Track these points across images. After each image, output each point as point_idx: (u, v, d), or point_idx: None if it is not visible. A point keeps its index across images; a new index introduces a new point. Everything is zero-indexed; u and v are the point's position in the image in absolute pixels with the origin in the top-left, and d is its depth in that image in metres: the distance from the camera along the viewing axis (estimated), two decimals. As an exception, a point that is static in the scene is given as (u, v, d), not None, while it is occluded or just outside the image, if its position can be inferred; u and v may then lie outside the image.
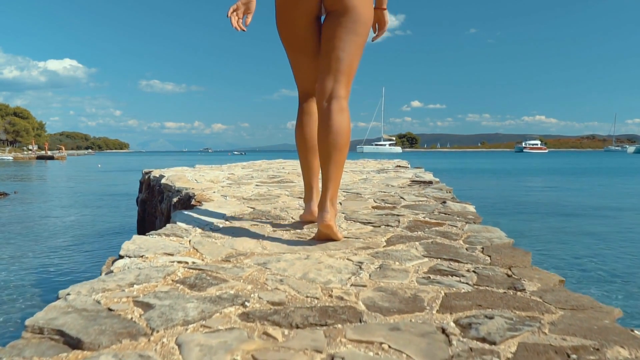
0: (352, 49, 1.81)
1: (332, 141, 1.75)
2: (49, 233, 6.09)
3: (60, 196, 11.35)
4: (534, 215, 7.97)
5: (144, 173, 4.29)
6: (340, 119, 1.77)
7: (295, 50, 1.93)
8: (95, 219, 7.34)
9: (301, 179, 3.40)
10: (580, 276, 4.23)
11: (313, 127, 1.97)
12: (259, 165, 6.02)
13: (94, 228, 6.56)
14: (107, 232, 6.20)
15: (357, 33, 1.80)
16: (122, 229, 6.21)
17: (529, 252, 1.78)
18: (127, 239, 1.70)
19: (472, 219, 2.28)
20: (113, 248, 4.74)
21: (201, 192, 2.85)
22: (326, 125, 1.76)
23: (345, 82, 1.83)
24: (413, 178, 3.94)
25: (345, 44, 1.80)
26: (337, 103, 1.78)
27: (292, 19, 1.85)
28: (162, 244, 1.66)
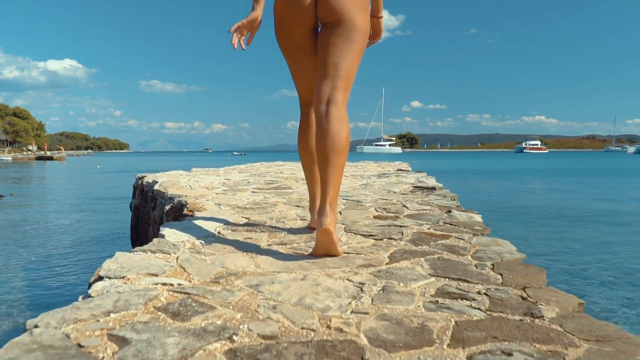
0: (348, 55, 1.81)
1: (329, 144, 1.73)
2: (41, 239, 5.94)
3: (56, 199, 11.21)
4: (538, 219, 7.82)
5: (138, 178, 4.17)
6: (338, 123, 1.75)
7: (294, 60, 1.94)
8: (90, 224, 7.18)
9: (299, 185, 3.29)
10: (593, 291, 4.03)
11: (313, 133, 1.96)
12: (256, 168, 5.91)
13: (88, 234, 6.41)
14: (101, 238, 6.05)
15: (353, 40, 1.81)
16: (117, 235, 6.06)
17: (542, 269, 1.66)
18: (121, 246, 1.58)
19: (480, 230, 2.16)
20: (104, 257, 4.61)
21: (194, 201, 2.72)
22: (324, 129, 1.74)
23: (343, 87, 1.81)
24: (415, 183, 3.82)
25: (342, 51, 1.80)
26: (335, 107, 1.77)
27: (289, 30, 1.87)
28: (146, 262, 1.53)
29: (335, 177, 1.73)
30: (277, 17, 1.88)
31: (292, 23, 1.85)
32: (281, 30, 1.89)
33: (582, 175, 21.97)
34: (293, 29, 1.86)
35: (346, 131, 1.76)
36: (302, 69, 1.95)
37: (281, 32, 1.90)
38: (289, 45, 1.91)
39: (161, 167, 36.92)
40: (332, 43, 1.80)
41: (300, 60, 1.93)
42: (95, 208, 9.22)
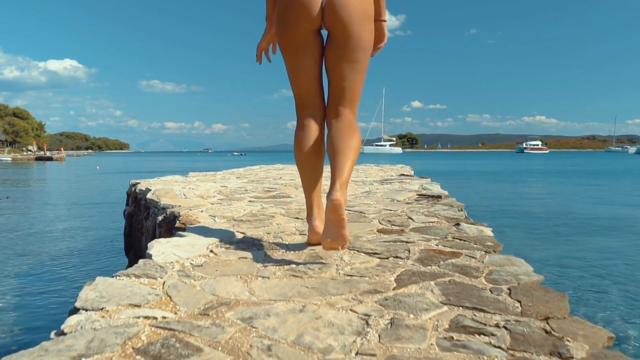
0: (355, 77, 1.90)
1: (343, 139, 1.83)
2: (33, 247, 5.77)
3: (52, 202, 11.03)
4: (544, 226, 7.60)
5: (131, 184, 4.02)
6: (349, 130, 1.87)
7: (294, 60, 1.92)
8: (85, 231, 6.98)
9: (299, 193, 3.14)
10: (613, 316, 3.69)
11: (311, 141, 1.94)
12: (255, 173, 5.75)
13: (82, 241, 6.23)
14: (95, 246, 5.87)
15: (359, 61, 1.88)
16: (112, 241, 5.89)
17: (564, 295, 1.51)
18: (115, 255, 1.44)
19: (492, 247, 2.02)
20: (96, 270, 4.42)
21: (187, 212, 2.58)
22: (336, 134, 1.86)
23: (352, 106, 1.94)
24: (420, 191, 3.67)
25: (348, 73, 1.89)
26: (345, 119, 1.91)
27: (292, 30, 1.85)
28: (129, 289, 1.39)
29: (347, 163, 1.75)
30: (280, 17, 1.86)
31: (296, 24, 1.83)
32: (284, 29, 1.87)
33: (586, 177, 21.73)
34: (296, 29, 1.84)
35: (358, 137, 1.88)
36: (301, 70, 1.93)
37: (283, 31, 1.87)
38: (290, 45, 1.88)
39: (160, 167, 36.94)
40: (340, 67, 1.88)
41: (300, 61, 1.91)
42: (92, 213, 9.04)
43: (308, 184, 1.97)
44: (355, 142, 1.85)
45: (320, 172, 2.00)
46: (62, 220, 7.94)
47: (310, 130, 1.94)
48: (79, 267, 4.64)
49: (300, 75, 1.94)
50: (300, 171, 1.99)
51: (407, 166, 7.60)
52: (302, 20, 1.81)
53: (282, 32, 1.88)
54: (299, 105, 2.00)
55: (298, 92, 1.98)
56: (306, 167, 1.95)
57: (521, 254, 1.91)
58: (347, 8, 1.78)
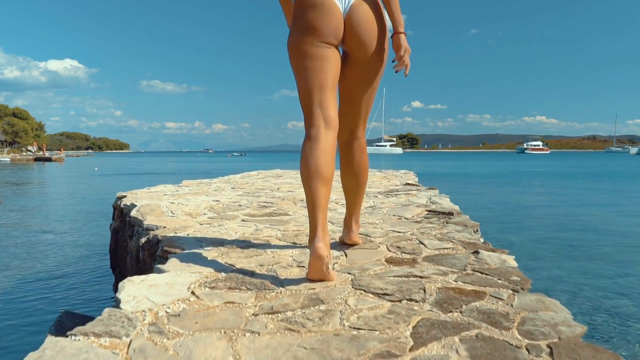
0: (370, 96, 2.01)
1: (355, 176, 2.10)
2: (17, 260, 5.40)
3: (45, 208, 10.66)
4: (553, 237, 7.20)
5: (117, 197, 3.74)
6: (362, 158, 2.09)
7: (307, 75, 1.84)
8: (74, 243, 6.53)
9: (297, 209, 2.91)
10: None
11: (319, 154, 1.77)
12: (252, 182, 5.46)
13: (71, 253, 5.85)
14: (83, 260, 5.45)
15: (376, 78, 1.96)
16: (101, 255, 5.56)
17: (618, 356, 1.24)
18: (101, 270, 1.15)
19: (519, 283, 1.74)
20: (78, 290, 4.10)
21: (172, 237, 2.31)
22: (351, 165, 2.09)
23: (364, 124, 2.09)
24: (429, 205, 3.40)
25: (364, 95, 1.98)
26: (358, 143, 2.08)
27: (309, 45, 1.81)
28: (84, 357, 1.11)
29: (359, 200, 2.18)
30: (298, 31, 1.83)
31: (314, 39, 1.80)
32: (300, 43, 1.82)
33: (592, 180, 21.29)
34: (314, 44, 1.81)
35: (367, 160, 2.09)
36: (315, 77, 1.85)
37: (299, 45, 1.83)
38: (305, 60, 1.83)
39: (159, 169, 36.56)
40: (358, 89, 1.95)
41: (315, 69, 1.85)
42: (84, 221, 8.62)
43: (314, 203, 1.72)
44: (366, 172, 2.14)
45: (329, 189, 1.79)
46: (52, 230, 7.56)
47: (319, 144, 1.77)
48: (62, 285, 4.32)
49: (313, 85, 1.84)
50: (306, 189, 1.76)
51: (411, 172, 7.33)
52: (324, 37, 1.80)
53: (298, 46, 1.83)
54: (307, 115, 1.85)
55: (308, 102, 1.84)
56: (313, 184, 1.73)
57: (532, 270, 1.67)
58: (368, 26, 1.82)
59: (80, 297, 3.98)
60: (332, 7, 1.79)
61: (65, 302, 3.87)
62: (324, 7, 1.79)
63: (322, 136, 1.78)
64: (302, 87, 1.85)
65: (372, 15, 1.83)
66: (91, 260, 5.36)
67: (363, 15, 1.81)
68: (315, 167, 1.73)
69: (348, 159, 2.08)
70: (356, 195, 2.14)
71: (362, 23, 1.81)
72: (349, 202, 2.17)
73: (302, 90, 1.85)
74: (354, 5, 1.81)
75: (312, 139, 1.78)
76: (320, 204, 1.72)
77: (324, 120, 1.81)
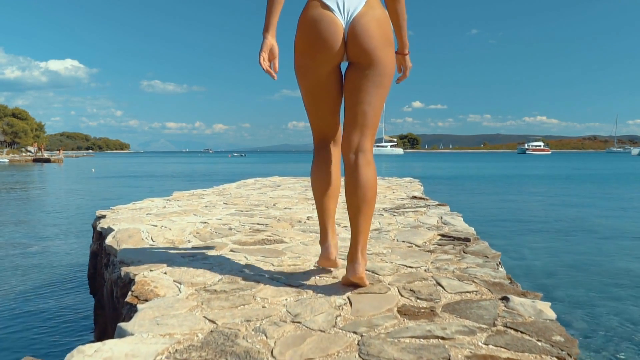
0: (377, 102, 1.86)
1: (361, 195, 1.83)
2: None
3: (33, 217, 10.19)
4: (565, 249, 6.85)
5: (97, 217, 3.41)
6: (368, 173, 1.85)
7: (314, 96, 1.93)
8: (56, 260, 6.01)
9: (295, 235, 2.67)
10: None
11: (329, 174, 1.99)
12: (247, 194, 5.10)
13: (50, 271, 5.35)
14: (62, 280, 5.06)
15: (383, 86, 1.85)
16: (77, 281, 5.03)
17: None
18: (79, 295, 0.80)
19: (563, 345, 1.41)
20: (51, 321, 3.70)
21: (146, 276, 1.97)
22: (355, 179, 1.84)
23: (371, 135, 1.90)
24: (441, 227, 3.06)
25: (372, 98, 1.84)
26: (364, 157, 1.85)
27: (313, 66, 1.84)
28: None
29: (365, 226, 1.86)
30: (300, 52, 1.85)
31: (318, 59, 1.82)
32: (303, 65, 1.86)
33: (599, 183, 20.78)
34: (317, 65, 1.83)
35: (375, 179, 1.87)
36: (321, 106, 1.94)
37: (303, 67, 1.87)
38: (310, 81, 1.88)
39: (157, 171, 36.07)
40: (364, 89, 1.83)
41: (320, 98, 1.92)
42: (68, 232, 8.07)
43: (324, 211, 2.01)
44: (373, 192, 1.86)
45: (336, 199, 2.04)
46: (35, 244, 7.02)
47: (329, 165, 1.99)
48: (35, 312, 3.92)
49: (321, 112, 1.95)
50: (317, 200, 2.02)
51: (416, 181, 6.99)
52: (326, 56, 1.80)
53: (305, 71, 1.86)
54: (317, 138, 2.02)
55: (317, 127, 1.99)
56: (323, 200, 2.00)
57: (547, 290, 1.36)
58: (369, 36, 1.78)
59: (54, 327, 3.63)
60: (332, 24, 1.78)
61: (37, 333, 3.53)
62: (324, 23, 1.78)
63: (328, 156, 2.00)
64: (309, 109, 1.97)
65: (375, 25, 1.80)
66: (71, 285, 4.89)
67: (365, 26, 1.79)
68: (326, 189, 1.98)
69: (353, 175, 1.85)
70: (363, 218, 1.85)
71: (364, 33, 1.78)
72: (355, 228, 1.86)
73: (309, 112, 1.98)
74: (357, 17, 1.79)
75: (322, 162, 1.99)
76: (329, 214, 2.02)
77: (330, 140, 2.00)
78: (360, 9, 1.78)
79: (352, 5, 1.78)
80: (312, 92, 1.89)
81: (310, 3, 1.83)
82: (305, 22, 1.82)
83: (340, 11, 1.78)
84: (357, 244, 1.84)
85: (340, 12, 1.78)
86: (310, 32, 1.80)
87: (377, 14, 1.80)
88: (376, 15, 1.80)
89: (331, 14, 1.78)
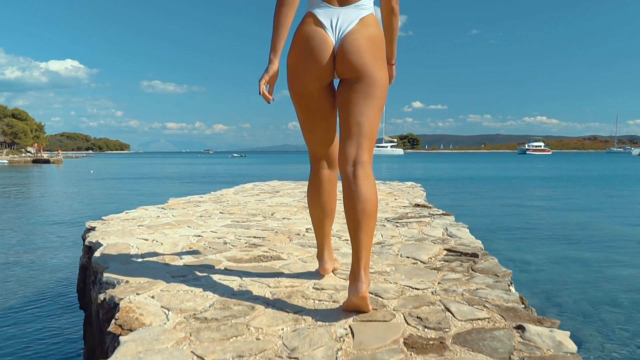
0: (370, 112, 1.81)
1: (361, 209, 1.73)
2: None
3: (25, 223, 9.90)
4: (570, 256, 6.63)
5: (87, 228, 3.26)
6: (367, 185, 1.76)
7: (307, 113, 1.93)
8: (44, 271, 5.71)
9: (292, 250, 2.57)
10: None
11: (326, 193, 2.00)
12: (245, 200, 4.94)
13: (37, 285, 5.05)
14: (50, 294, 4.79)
15: (374, 96, 1.80)
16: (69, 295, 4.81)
17: None
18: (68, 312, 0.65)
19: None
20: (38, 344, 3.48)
21: (131, 302, 1.82)
22: (354, 193, 1.75)
23: (368, 146, 1.82)
24: (446, 240, 2.92)
25: (363, 108, 1.80)
26: (362, 169, 1.77)
27: (305, 83, 1.84)
28: None
29: (367, 242, 1.74)
30: (292, 70, 1.86)
31: (308, 76, 1.82)
32: (295, 83, 1.86)
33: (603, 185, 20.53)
34: (309, 82, 1.83)
35: (375, 192, 1.78)
36: (315, 123, 1.94)
37: (295, 84, 1.87)
38: (303, 98, 1.88)
39: (157, 172, 35.86)
40: (354, 101, 1.80)
41: (314, 115, 1.91)
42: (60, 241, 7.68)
43: (320, 229, 2.05)
44: (373, 204, 1.76)
45: (332, 218, 2.06)
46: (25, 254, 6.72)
47: (325, 183, 1.98)
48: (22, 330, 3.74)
49: (315, 129, 1.94)
50: (313, 217, 2.06)
51: (418, 185, 6.83)
52: (315, 73, 1.80)
53: (296, 86, 1.86)
54: (312, 156, 2.01)
55: (312, 144, 1.98)
56: (319, 215, 2.02)
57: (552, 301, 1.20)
58: (357, 52, 1.76)
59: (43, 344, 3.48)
60: (322, 42, 1.78)
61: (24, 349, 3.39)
62: (314, 40, 1.78)
63: (326, 176, 1.99)
64: (304, 129, 1.97)
65: (364, 42, 1.77)
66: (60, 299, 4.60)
67: (353, 43, 1.77)
68: (322, 207, 2.00)
69: (351, 189, 1.75)
70: (364, 233, 1.71)
71: (352, 49, 1.76)
72: (356, 244, 1.72)
73: (306, 132, 1.97)
74: (347, 34, 1.77)
75: (318, 180, 1.99)
76: (326, 232, 2.07)
77: (326, 159, 1.99)
78: (352, 26, 1.77)
79: (345, 22, 1.78)
80: (303, 108, 1.90)
81: (306, 18, 1.83)
82: (298, 38, 1.83)
83: (332, 29, 1.78)
84: (359, 261, 1.70)
85: (332, 30, 1.78)
86: (300, 49, 1.81)
87: (369, 32, 1.78)
88: (367, 33, 1.78)
89: (323, 31, 1.78)
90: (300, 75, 1.83)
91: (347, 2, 1.80)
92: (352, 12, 1.78)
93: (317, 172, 2.00)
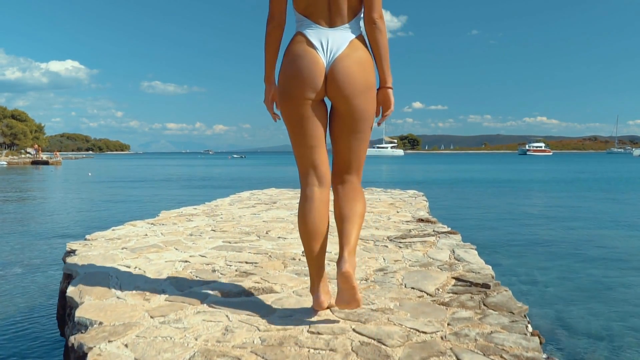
0: (359, 147, 1.94)
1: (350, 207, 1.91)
2: None
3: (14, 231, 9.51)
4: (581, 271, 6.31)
5: (67, 251, 3.05)
6: (354, 194, 1.95)
7: (298, 130, 1.91)
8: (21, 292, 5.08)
9: (286, 278, 2.33)
10: None
11: (315, 213, 1.92)
12: (240, 213, 4.71)
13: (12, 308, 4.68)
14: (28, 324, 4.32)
15: (362, 131, 1.91)
16: (43, 326, 4.22)
17: None
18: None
19: None
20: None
21: (103, 350, 1.61)
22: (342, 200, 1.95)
23: (357, 173, 2.00)
24: (454, 265, 2.71)
25: (352, 144, 1.93)
26: (351, 186, 1.98)
27: (295, 101, 1.85)
28: None
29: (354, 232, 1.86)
30: (283, 88, 1.88)
31: (298, 94, 1.84)
32: (286, 100, 1.88)
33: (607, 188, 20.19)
34: (299, 100, 1.84)
35: (363, 202, 1.97)
36: (305, 139, 1.92)
37: (286, 102, 1.88)
38: (293, 116, 1.89)
39: (156, 174, 35.49)
40: (344, 138, 1.92)
41: (304, 132, 1.91)
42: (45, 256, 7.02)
43: (312, 259, 1.97)
44: (360, 208, 1.93)
45: (325, 245, 1.97)
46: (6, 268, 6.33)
47: (314, 202, 1.92)
48: None
49: (305, 146, 1.92)
50: (305, 246, 1.96)
51: (421, 194, 6.61)
52: (305, 93, 1.82)
53: (286, 105, 1.88)
54: (302, 175, 1.97)
55: (302, 162, 1.96)
56: (311, 243, 1.93)
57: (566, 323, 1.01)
58: (348, 81, 1.80)
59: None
60: (314, 62, 1.79)
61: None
62: (306, 60, 1.79)
63: (316, 195, 1.93)
64: (295, 147, 1.95)
65: (356, 69, 1.81)
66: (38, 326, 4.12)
67: (344, 70, 1.79)
68: (312, 229, 1.91)
69: (341, 204, 1.95)
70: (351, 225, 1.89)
71: (343, 77, 1.79)
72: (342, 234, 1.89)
73: (295, 150, 1.95)
74: (338, 59, 1.79)
75: (307, 200, 1.93)
76: (318, 261, 1.96)
77: (317, 179, 1.95)
78: (342, 49, 1.79)
79: (336, 44, 1.79)
80: (294, 124, 1.90)
81: (296, 38, 1.85)
82: (289, 57, 1.84)
83: (323, 50, 1.79)
84: (345, 247, 1.81)
85: (323, 51, 1.79)
86: (291, 68, 1.82)
87: (359, 55, 1.82)
88: (357, 58, 1.81)
89: (314, 51, 1.79)
90: (290, 92, 1.84)
91: (336, 23, 1.81)
92: (341, 34, 1.81)
93: (305, 193, 1.95)
